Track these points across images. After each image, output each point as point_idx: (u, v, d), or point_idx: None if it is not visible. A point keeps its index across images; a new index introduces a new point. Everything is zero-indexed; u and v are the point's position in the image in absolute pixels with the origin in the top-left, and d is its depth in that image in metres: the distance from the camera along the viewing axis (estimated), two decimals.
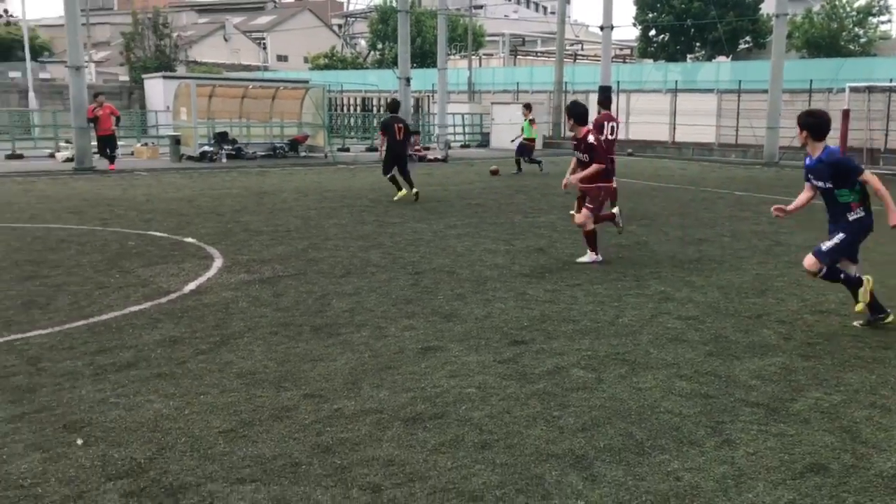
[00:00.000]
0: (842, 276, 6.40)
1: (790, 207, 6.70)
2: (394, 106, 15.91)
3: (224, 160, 24.02)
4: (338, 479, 3.82)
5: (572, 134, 9.35)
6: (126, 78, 49.43)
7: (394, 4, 42.77)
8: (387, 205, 14.42)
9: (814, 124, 6.34)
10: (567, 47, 44.84)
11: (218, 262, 8.92)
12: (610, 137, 12.16)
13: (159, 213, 12.92)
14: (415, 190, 14.89)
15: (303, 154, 27.06)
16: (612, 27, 31.04)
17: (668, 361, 5.63)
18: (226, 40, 68.75)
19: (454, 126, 35.08)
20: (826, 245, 6.31)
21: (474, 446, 4.19)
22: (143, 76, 42.49)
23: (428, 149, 30.08)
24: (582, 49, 56.31)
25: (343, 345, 5.95)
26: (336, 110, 40.40)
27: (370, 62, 57.40)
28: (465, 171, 23.15)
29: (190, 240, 10.37)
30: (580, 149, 9.17)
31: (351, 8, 73.67)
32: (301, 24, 72.27)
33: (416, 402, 4.80)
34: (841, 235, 6.26)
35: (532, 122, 22.14)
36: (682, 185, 18.99)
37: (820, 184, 6.34)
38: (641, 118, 32.92)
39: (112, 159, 21.07)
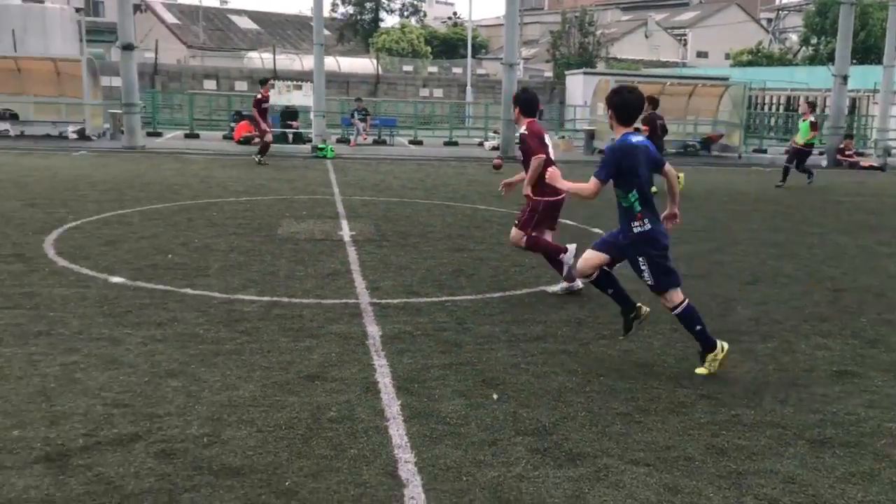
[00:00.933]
0: (698, 327, 5.32)
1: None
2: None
3: None
4: (732, 482, 3.74)
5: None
6: (550, 74, 52.76)
7: None
8: (805, 212, 13.36)
9: (619, 104, 5.11)
10: None
11: None
12: None
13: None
14: None
15: (714, 153, 26.28)
16: None
17: None
18: (646, 37, 69.36)
19: None
20: (648, 279, 5.29)
21: (892, 485, 3.78)
22: (566, 72, 44.92)
23: (861, 154, 26.97)
24: None
25: (745, 353, 5.75)
26: (756, 109, 38.26)
27: (800, 58, 53.23)
28: None
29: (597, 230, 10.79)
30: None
31: (785, 1, 68.97)
32: (726, 19, 69.86)
33: (824, 425, 4.46)
34: (642, 260, 5.23)
35: (813, 124, 17.28)
36: None
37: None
38: None
39: None
